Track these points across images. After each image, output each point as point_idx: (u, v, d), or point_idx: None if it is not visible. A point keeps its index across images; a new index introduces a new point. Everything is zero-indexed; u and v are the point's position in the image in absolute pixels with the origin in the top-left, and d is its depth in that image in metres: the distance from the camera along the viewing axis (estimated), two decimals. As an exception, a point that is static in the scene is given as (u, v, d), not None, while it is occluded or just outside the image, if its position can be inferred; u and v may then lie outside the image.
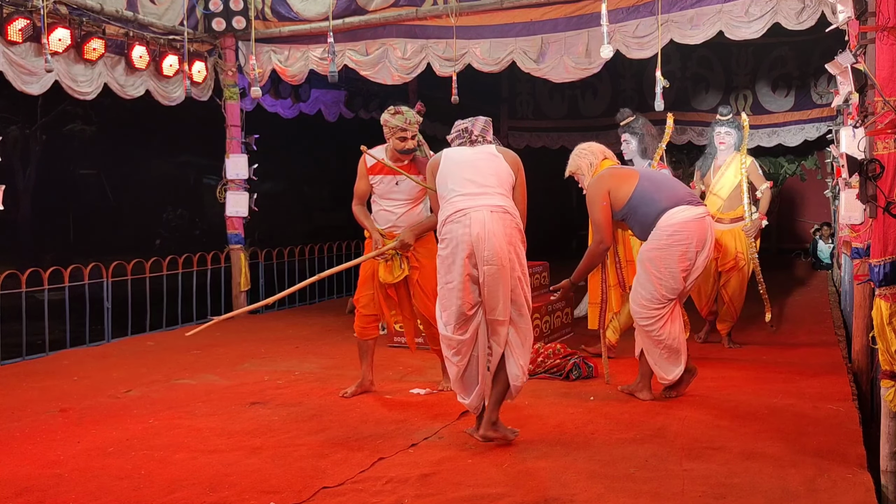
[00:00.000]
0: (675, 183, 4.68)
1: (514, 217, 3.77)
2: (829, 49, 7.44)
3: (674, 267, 4.34)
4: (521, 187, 3.93)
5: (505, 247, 3.66)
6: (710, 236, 4.46)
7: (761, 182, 6.09)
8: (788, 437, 3.84)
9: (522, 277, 3.78)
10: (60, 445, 3.91)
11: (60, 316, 6.55)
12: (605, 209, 4.50)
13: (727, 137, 6.12)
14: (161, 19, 7.15)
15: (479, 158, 3.87)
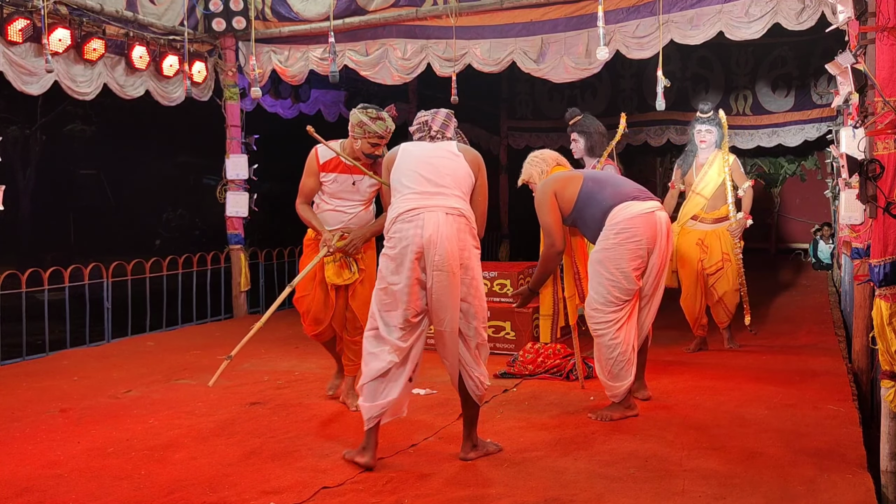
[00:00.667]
0: (621, 180, 4.52)
1: (470, 221, 3.54)
2: (829, 49, 7.44)
3: (624, 266, 4.13)
4: (482, 189, 3.69)
5: (457, 252, 3.43)
6: (663, 232, 4.23)
7: (743, 180, 6.02)
8: (788, 438, 3.84)
9: (477, 285, 3.55)
10: (60, 445, 3.91)
11: (60, 316, 6.55)
12: (553, 212, 4.33)
13: (708, 136, 6.01)
14: (161, 19, 7.15)
15: (437, 156, 3.62)
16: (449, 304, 3.43)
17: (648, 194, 4.34)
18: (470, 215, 3.55)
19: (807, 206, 13.34)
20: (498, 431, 4.07)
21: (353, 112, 4.38)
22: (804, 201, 13.41)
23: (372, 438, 3.54)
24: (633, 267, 4.14)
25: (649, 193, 4.36)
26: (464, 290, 3.48)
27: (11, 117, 13.95)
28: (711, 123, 5.99)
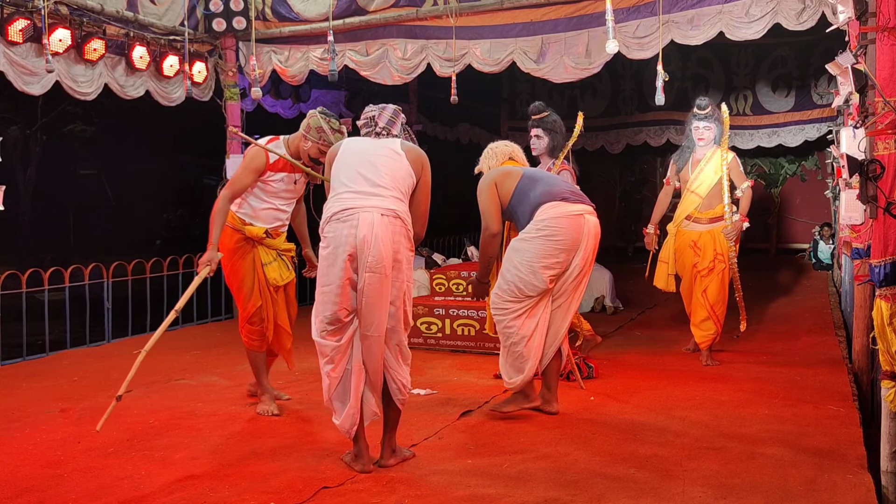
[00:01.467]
0: (556, 180, 4.46)
1: (406, 223, 3.49)
2: (830, 49, 7.44)
3: (535, 262, 4.13)
4: (424, 188, 3.63)
5: (390, 254, 3.39)
6: (589, 235, 4.20)
7: (742, 180, 5.70)
8: (789, 438, 3.84)
9: (406, 289, 3.51)
10: (60, 446, 3.91)
11: (61, 316, 6.55)
12: (491, 198, 4.33)
13: (706, 132, 5.75)
14: (161, 20, 7.15)
15: (378, 154, 3.56)
16: (378, 307, 3.41)
17: (581, 197, 4.34)
18: (406, 217, 3.51)
19: (807, 207, 13.35)
20: (497, 432, 4.07)
21: (315, 116, 4.32)
22: (804, 201, 13.42)
23: (360, 445, 3.54)
24: (545, 265, 4.13)
25: (582, 197, 4.37)
26: (393, 293, 3.45)
27: (12, 117, 13.95)
28: (709, 120, 5.76)
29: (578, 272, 4.23)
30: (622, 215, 14.99)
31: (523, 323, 4.18)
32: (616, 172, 14.99)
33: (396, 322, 3.50)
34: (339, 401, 3.52)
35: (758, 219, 13.49)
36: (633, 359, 5.84)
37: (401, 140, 3.66)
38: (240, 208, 4.44)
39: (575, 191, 4.41)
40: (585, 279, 4.30)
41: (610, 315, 7.88)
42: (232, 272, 4.48)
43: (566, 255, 4.16)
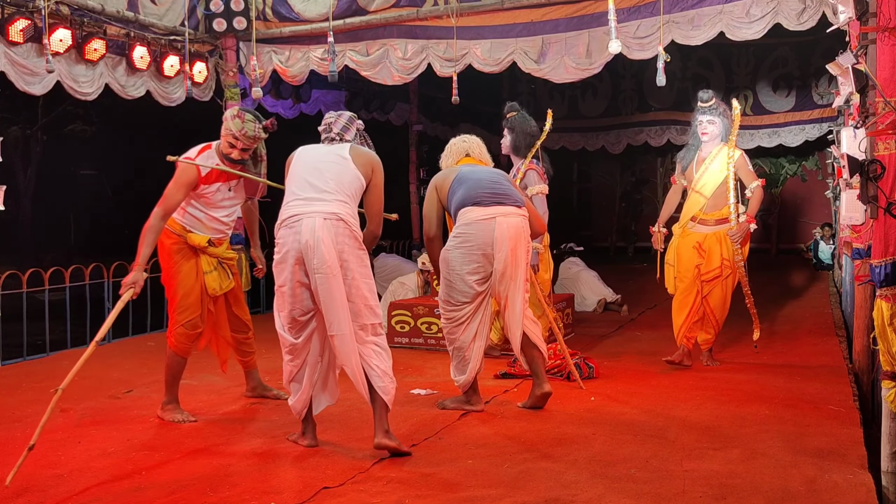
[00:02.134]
0: (477, 182, 4.34)
1: (349, 225, 3.64)
2: (830, 49, 7.44)
3: (459, 269, 4.23)
4: (375, 189, 3.82)
5: (335, 255, 3.57)
6: (505, 237, 4.20)
7: (751, 179, 5.39)
8: (789, 438, 3.84)
9: (358, 285, 3.64)
10: (61, 446, 3.91)
11: (61, 316, 6.55)
12: (430, 202, 4.45)
13: (710, 126, 5.46)
14: (162, 20, 7.15)
15: (325, 161, 3.76)
16: (335, 306, 3.57)
17: (498, 198, 4.28)
18: (350, 219, 3.66)
19: (808, 207, 13.36)
20: (497, 432, 4.07)
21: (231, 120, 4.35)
22: (805, 201, 13.43)
23: (307, 425, 3.88)
24: (468, 271, 4.23)
25: (503, 196, 4.30)
26: (347, 291, 3.61)
27: (13, 117, 13.95)
28: (713, 113, 5.48)
29: (500, 276, 4.25)
30: (623, 215, 15.00)
31: (464, 330, 4.32)
32: (617, 173, 15.00)
33: (358, 317, 3.65)
34: (294, 388, 3.83)
35: (757, 219, 13.54)
36: (633, 359, 5.84)
37: (351, 145, 3.84)
38: (182, 217, 4.43)
39: (496, 192, 4.32)
40: (516, 282, 4.29)
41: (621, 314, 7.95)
42: (170, 275, 4.48)
43: (485, 258, 4.23)
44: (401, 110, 11.00)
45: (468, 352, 4.33)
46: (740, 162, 5.39)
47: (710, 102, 5.46)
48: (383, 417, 3.72)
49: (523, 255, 4.30)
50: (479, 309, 4.33)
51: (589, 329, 7.09)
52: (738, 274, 5.38)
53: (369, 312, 3.69)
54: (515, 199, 4.36)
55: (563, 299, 6.69)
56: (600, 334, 6.85)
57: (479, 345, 4.34)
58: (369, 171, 3.79)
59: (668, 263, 5.64)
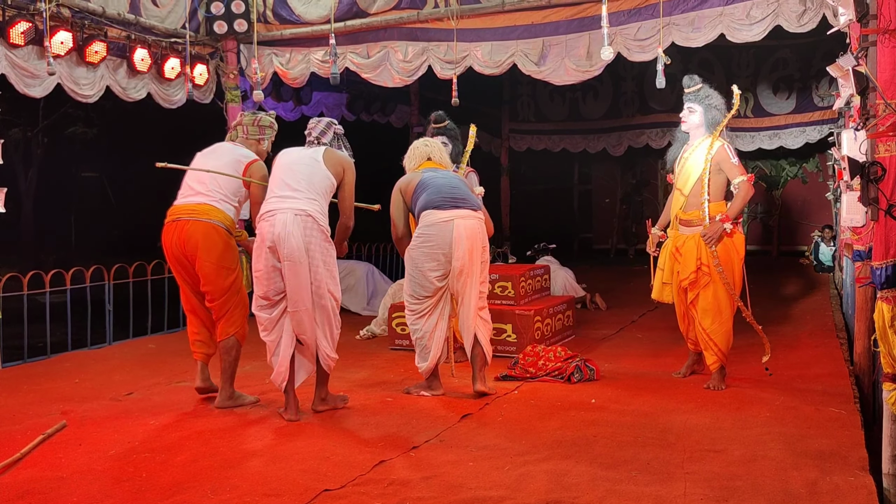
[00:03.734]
0: (437, 187, 4.73)
1: (317, 220, 4.19)
2: (831, 51, 7.45)
3: (422, 266, 4.68)
4: (346, 187, 4.41)
5: (302, 246, 4.13)
6: (462, 237, 4.60)
7: (736, 174, 4.83)
8: (790, 440, 3.83)
9: (320, 272, 4.19)
10: (61, 448, 3.91)
11: (62, 318, 6.55)
12: (396, 203, 4.84)
13: (689, 116, 4.99)
14: (164, 22, 7.16)
15: (300, 162, 4.33)
16: (300, 288, 4.17)
17: (457, 202, 4.69)
18: (317, 214, 4.20)
19: (808, 209, 13.36)
20: (499, 434, 4.07)
21: (264, 116, 5.00)
22: (806, 204, 13.42)
23: (289, 397, 4.38)
24: (429, 269, 4.67)
25: (460, 201, 4.70)
26: (311, 276, 4.19)
27: (13, 120, 13.97)
28: (695, 100, 4.98)
29: (458, 274, 4.66)
30: (623, 217, 15.00)
31: (425, 322, 4.76)
32: (618, 174, 15.01)
33: (320, 299, 4.23)
34: (275, 360, 4.34)
35: (758, 221, 13.53)
36: (633, 361, 5.83)
37: (325, 148, 4.41)
38: (235, 216, 4.70)
39: (455, 196, 4.72)
40: (470, 280, 4.69)
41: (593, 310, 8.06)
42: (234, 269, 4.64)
43: (444, 257, 4.65)
44: (401, 112, 11.02)
45: (430, 341, 4.76)
46: (721, 154, 4.85)
47: (692, 88, 5.01)
48: (321, 388, 4.46)
49: (479, 254, 4.73)
50: (439, 303, 4.78)
51: (590, 331, 7.09)
52: (722, 282, 4.81)
53: (328, 295, 4.26)
54: (472, 203, 4.80)
55: (563, 301, 6.69)
56: (601, 336, 6.85)
57: (438, 335, 4.78)
58: (340, 171, 4.38)
59: (660, 268, 5.26)
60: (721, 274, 4.80)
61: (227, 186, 4.60)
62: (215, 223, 4.51)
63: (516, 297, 6.22)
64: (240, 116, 5.04)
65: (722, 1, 6.11)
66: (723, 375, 4.94)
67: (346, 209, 4.45)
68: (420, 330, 4.77)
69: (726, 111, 4.98)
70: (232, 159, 4.67)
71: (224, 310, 4.59)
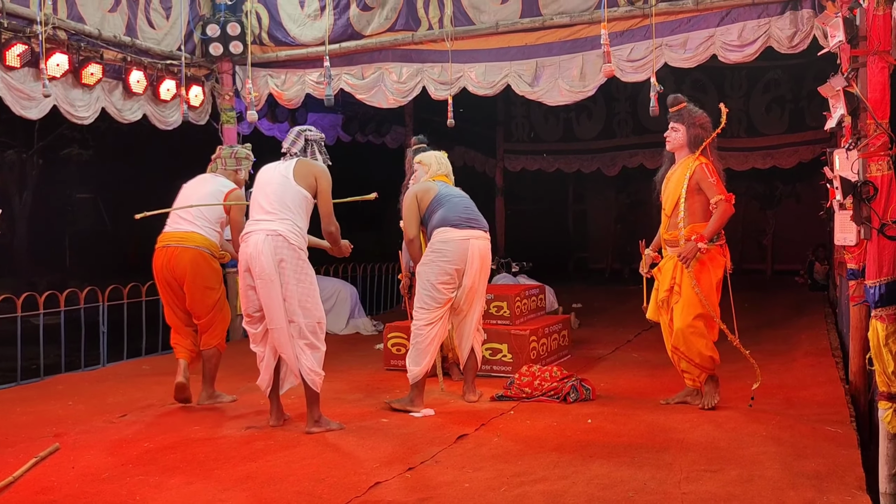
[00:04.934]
0: (454, 204, 5.02)
1: (288, 238, 4.32)
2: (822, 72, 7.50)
3: (433, 279, 4.91)
4: (321, 195, 4.51)
5: (272, 266, 4.29)
6: (475, 257, 4.92)
7: (713, 192, 4.69)
8: (787, 460, 3.82)
9: (291, 291, 4.31)
10: (55, 471, 3.88)
11: (56, 340, 6.52)
12: (411, 208, 5.09)
13: (671, 134, 4.92)
14: (160, 44, 7.20)
15: (270, 182, 4.49)
16: (272, 306, 4.33)
17: (471, 223, 5.00)
18: (289, 233, 4.32)
19: (802, 227, 13.40)
20: (495, 455, 4.05)
21: (240, 149, 5.56)
22: (800, 222, 13.47)
23: (273, 404, 4.66)
24: (441, 282, 4.92)
25: (474, 221, 5.02)
26: (284, 293, 4.32)
27: (9, 141, 13.97)
28: (678, 119, 4.90)
29: (468, 291, 4.99)
30: (618, 237, 15.02)
31: (430, 330, 4.97)
32: (612, 195, 15.05)
33: (293, 315, 4.34)
34: (262, 366, 4.57)
35: (752, 240, 13.56)
36: (629, 381, 5.82)
37: (296, 161, 4.53)
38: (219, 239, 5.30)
39: (470, 217, 5.03)
40: (476, 297, 5.05)
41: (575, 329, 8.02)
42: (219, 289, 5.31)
43: (457, 273, 4.94)
44: (396, 133, 11.06)
45: (429, 346, 4.96)
46: (699, 174, 4.73)
47: (676, 108, 4.91)
48: (313, 409, 4.49)
49: (486, 273, 5.11)
50: (444, 317, 5.03)
51: (586, 351, 7.08)
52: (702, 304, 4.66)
53: (302, 312, 4.35)
54: (483, 224, 5.11)
55: (558, 321, 6.69)
56: (597, 356, 6.84)
57: (435, 345, 5.01)
58: (312, 182, 4.48)
59: (655, 288, 5.15)
60: (699, 296, 4.66)
61: (210, 214, 5.20)
62: (201, 249, 5.14)
63: (512, 317, 6.22)
64: (218, 150, 5.58)
65: (714, 23, 6.18)
66: (714, 389, 4.82)
67: (324, 215, 4.56)
68: (424, 336, 4.96)
69: (713, 130, 4.87)
70: (214, 189, 5.25)
71: (209, 325, 5.21)
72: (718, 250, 4.76)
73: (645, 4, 6.27)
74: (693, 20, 6.22)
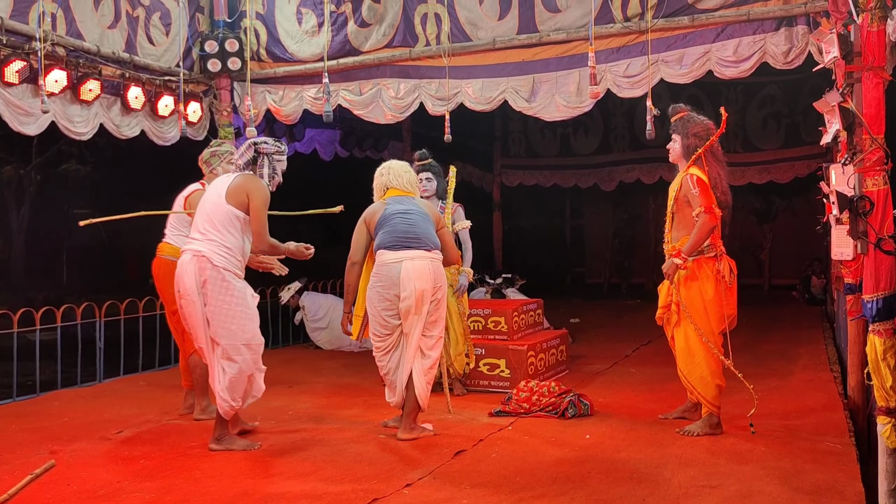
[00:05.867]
0: (397, 225, 4.67)
1: (212, 259, 4.30)
2: (818, 87, 7.55)
3: (376, 305, 4.67)
4: (253, 212, 4.38)
5: (194, 287, 4.32)
6: (409, 279, 4.54)
7: (696, 204, 4.52)
8: (786, 475, 3.81)
9: (212, 311, 4.32)
10: (51, 488, 3.85)
11: (52, 356, 6.50)
12: (359, 231, 4.83)
13: (672, 145, 4.84)
14: (159, 60, 7.23)
15: (206, 201, 4.48)
16: (194, 325, 4.41)
17: (409, 243, 4.64)
18: (213, 254, 4.30)
19: (799, 242, 13.43)
20: (493, 471, 4.04)
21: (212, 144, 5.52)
22: (796, 237, 13.50)
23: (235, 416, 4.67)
24: (383, 307, 4.66)
25: (413, 241, 4.64)
26: (206, 314, 4.34)
27: (7, 157, 14.01)
28: (675, 129, 4.84)
29: (407, 311, 4.60)
30: (616, 252, 15.05)
31: (389, 358, 4.75)
32: (609, 210, 15.08)
33: (215, 335, 4.35)
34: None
35: (749, 254, 13.58)
36: (628, 396, 5.81)
37: (234, 178, 4.45)
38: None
39: (408, 236, 4.65)
40: (416, 323, 4.63)
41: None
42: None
43: (395, 297, 4.61)
44: (394, 148, 11.09)
45: (393, 377, 4.75)
46: (685, 184, 4.60)
47: (675, 117, 4.85)
48: (215, 426, 4.51)
49: (429, 294, 4.63)
50: (400, 342, 4.74)
51: (583, 366, 7.07)
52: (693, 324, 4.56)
53: (225, 333, 4.34)
54: (426, 243, 4.69)
55: (556, 336, 6.68)
56: (595, 371, 6.83)
57: (401, 372, 4.71)
58: (244, 199, 4.37)
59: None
60: (686, 314, 4.57)
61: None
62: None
63: (509, 332, 6.22)
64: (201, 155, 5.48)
65: (709, 39, 6.21)
66: (709, 424, 4.60)
67: (254, 233, 4.41)
68: (385, 367, 4.78)
69: (709, 138, 4.72)
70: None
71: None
72: (706, 263, 4.58)
73: (641, 21, 6.31)
74: (689, 36, 6.25)
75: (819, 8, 5.71)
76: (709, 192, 4.58)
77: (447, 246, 4.93)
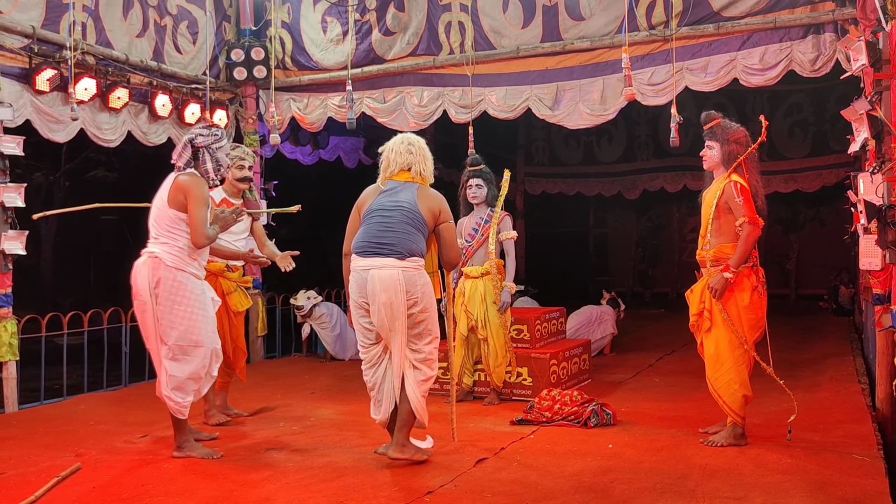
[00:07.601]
0: (373, 226, 4.23)
1: (164, 260, 4.33)
2: (845, 95, 7.48)
3: (354, 313, 4.32)
4: (189, 209, 4.31)
5: (147, 288, 4.35)
6: (375, 291, 4.11)
7: (739, 213, 4.44)
8: (813, 487, 3.76)
9: (163, 312, 4.33)
10: (76, 490, 3.90)
11: (79, 360, 6.58)
12: (352, 219, 4.40)
13: (708, 152, 4.73)
14: (186, 69, 7.32)
15: (154, 205, 4.46)
16: (145, 327, 4.42)
17: (380, 248, 4.16)
18: (164, 254, 4.33)
19: (826, 252, 13.27)
20: (515, 479, 4.02)
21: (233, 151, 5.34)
22: (824, 246, 13.34)
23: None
24: (359, 316, 4.31)
25: (385, 247, 4.15)
26: (157, 314, 4.35)
27: (36, 164, 14.20)
28: (711, 137, 4.76)
29: (380, 324, 4.20)
30: (639, 260, 14.96)
31: (374, 371, 4.38)
32: (633, 218, 15.01)
33: (164, 337, 4.36)
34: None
35: (776, 264, 13.45)
36: (650, 405, 5.76)
37: (175, 178, 4.42)
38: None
39: (381, 241, 4.18)
40: (400, 331, 4.18)
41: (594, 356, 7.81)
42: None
43: (367, 305, 4.23)
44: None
45: (377, 392, 4.36)
46: (728, 192, 4.51)
47: (709, 125, 4.81)
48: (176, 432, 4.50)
49: (402, 307, 4.14)
50: (384, 356, 4.33)
51: (606, 375, 7.03)
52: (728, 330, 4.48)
53: (174, 333, 4.34)
54: (397, 249, 4.17)
55: (579, 345, 6.65)
56: (618, 380, 6.79)
57: (387, 388, 4.32)
58: (181, 199, 4.34)
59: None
60: (727, 321, 4.49)
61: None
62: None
63: (532, 340, 6.20)
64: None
65: (735, 46, 6.18)
66: (734, 435, 4.53)
67: (190, 228, 4.29)
68: (371, 380, 4.37)
69: (750, 144, 4.68)
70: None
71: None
72: (743, 272, 4.49)
73: (666, 28, 6.29)
74: (714, 44, 6.23)
75: (847, 15, 5.67)
76: (751, 202, 4.50)
77: (446, 244, 4.35)
